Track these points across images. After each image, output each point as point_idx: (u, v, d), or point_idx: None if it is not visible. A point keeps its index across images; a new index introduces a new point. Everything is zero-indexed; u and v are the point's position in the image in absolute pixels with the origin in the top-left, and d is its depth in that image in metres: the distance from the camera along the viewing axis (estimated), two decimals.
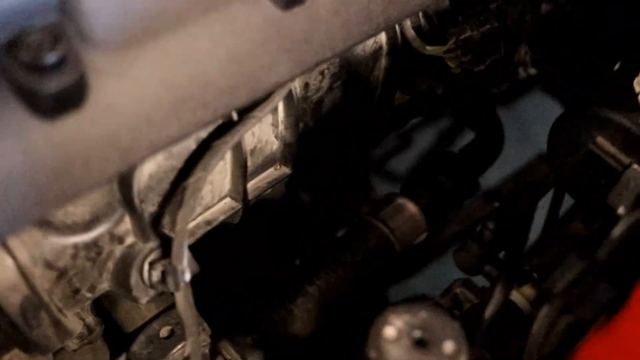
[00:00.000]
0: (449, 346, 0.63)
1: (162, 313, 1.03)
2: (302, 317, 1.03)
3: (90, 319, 1.01)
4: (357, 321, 1.08)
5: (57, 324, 0.74)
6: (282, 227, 1.22)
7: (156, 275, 0.76)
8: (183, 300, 0.75)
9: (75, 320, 0.84)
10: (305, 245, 1.21)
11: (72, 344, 1.00)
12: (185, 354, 0.77)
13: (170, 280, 0.75)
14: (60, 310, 0.76)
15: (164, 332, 1.02)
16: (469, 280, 0.98)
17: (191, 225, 0.85)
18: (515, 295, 0.89)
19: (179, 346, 1.00)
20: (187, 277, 0.74)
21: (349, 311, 1.06)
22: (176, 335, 1.01)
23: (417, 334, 0.63)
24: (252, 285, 1.17)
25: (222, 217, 0.87)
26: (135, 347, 1.01)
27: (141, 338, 1.02)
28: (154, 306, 1.04)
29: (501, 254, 1.09)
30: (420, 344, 0.63)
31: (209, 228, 0.86)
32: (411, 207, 1.13)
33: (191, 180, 0.76)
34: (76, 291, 0.76)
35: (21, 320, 0.70)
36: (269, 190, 0.95)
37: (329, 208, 1.23)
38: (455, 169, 1.23)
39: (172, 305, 1.06)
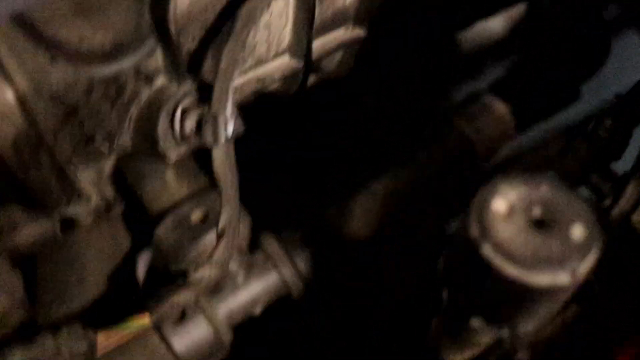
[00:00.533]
0: (578, 231, 0.46)
1: (195, 195, 0.88)
2: (361, 216, 0.87)
3: (109, 192, 0.86)
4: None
5: (61, 174, 0.58)
6: (343, 113, 1.04)
7: (190, 124, 0.60)
8: (222, 158, 0.59)
9: (89, 185, 0.69)
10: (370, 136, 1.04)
11: (85, 217, 0.86)
12: (219, 227, 0.61)
13: (208, 130, 0.58)
14: (69, 161, 0.60)
15: (195, 215, 0.86)
16: None
17: (239, 80, 0.68)
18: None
19: (211, 233, 0.85)
20: (230, 129, 0.58)
21: (416, 219, 0.90)
22: (209, 221, 0.85)
23: (537, 212, 0.47)
24: (305, 174, 1.01)
25: (278, 76, 0.70)
26: (160, 231, 0.86)
27: (168, 221, 0.86)
28: (185, 186, 0.89)
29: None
30: (540, 225, 0.46)
31: (261, 86, 0.69)
32: (500, 107, 0.95)
33: (244, 8, 0.59)
34: (89, 139, 0.61)
35: (13, 157, 0.54)
36: (335, 59, 0.78)
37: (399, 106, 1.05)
38: (554, 71, 1.04)
39: (207, 188, 0.91)
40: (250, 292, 0.87)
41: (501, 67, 1.03)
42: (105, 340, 0.60)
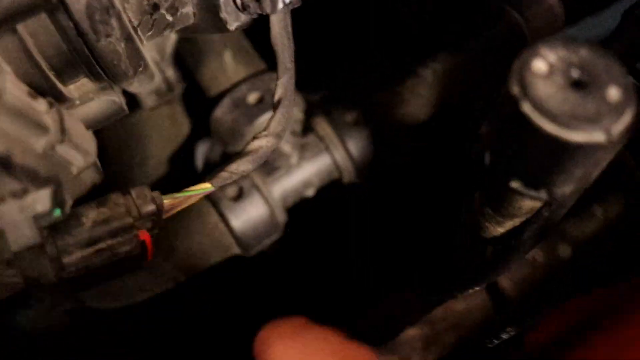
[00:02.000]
0: (613, 93, 0.48)
1: (252, 77, 0.91)
2: (411, 101, 0.90)
3: (170, 73, 0.90)
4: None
5: (129, 40, 0.62)
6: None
7: None
8: (279, 25, 0.62)
9: (152, 63, 0.72)
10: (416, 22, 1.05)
11: (148, 98, 0.90)
12: (276, 97, 0.64)
13: None
14: (135, 29, 0.64)
15: (252, 97, 0.90)
16: None
17: None
18: None
19: (267, 114, 0.88)
20: None
21: (465, 105, 0.92)
22: (265, 103, 0.89)
23: (575, 73, 0.49)
24: (357, 57, 1.04)
25: None
26: (218, 112, 0.90)
27: (225, 102, 0.90)
28: (243, 69, 0.92)
29: None
30: (577, 85, 0.49)
31: None
32: None
33: None
34: (154, 7, 0.64)
35: (87, 22, 0.58)
36: None
37: None
38: None
39: (263, 70, 0.95)
40: (303, 173, 0.91)
41: None
42: (170, 204, 0.64)
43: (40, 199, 0.55)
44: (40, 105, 0.55)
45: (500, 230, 0.67)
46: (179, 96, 0.94)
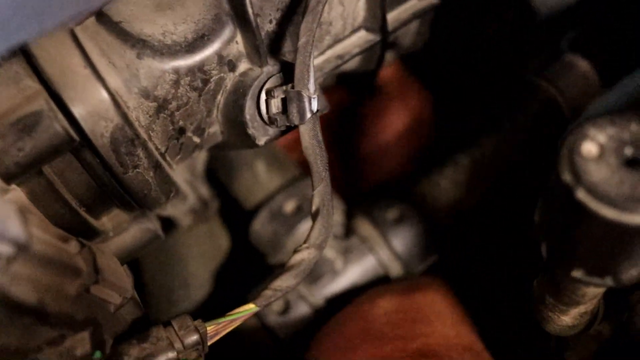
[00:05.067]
0: None
1: (287, 185, 0.90)
2: (451, 190, 0.87)
3: (204, 190, 0.89)
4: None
5: (158, 168, 0.60)
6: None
7: (275, 105, 0.61)
8: (309, 135, 0.60)
9: (185, 184, 0.71)
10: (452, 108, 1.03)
11: (184, 217, 0.88)
12: (313, 207, 0.62)
13: (293, 109, 0.59)
14: (162, 155, 0.63)
15: (289, 207, 0.88)
16: None
17: (319, 59, 0.69)
18: None
19: (307, 222, 0.86)
20: (315, 104, 0.59)
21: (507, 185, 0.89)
22: (303, 211, 0.87)
23: (628, 151, 0.46)
24: None
25: (356, 51, 0.71)
26: (256, 225, 0.89)
27: (263, 214, 0.88)
28: (277, 178, 0.91)
29: None
30: (633, 163, 0.46)
31: (340, 63, 0.70)
32: (583, 64, 0.92)
33: None
34: (180, 131, 0.63)
35: (113, 156, 0.57)
36: (410, 31, 0.78)
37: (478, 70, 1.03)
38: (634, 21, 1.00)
39: (298, 177, 0.93)
40: (349, 276, 0.88)
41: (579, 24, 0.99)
42: (214, 330, 0.61)
43: (79, 343, 0.53)
44: (71, 247, 0.53)
45: (565, 319, 0.63)
46: (215, 212, 0.93)
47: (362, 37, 0.72)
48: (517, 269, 0.81)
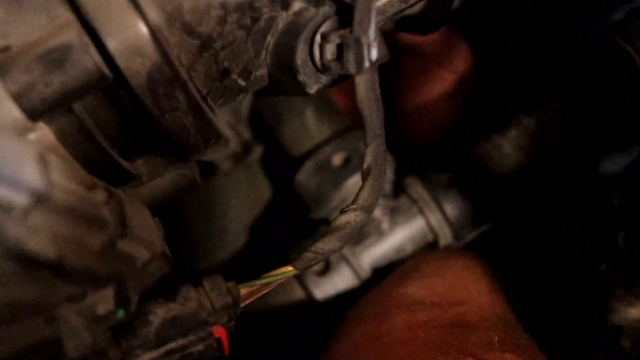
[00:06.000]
0: None
1: (336, 137, 0.84)
2: (513, 154, 0.80)
3: (247, 135, 0.83)
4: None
5: (198, 112, 0.55)
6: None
7: (331, 51, 0.55)
8: (365, 87, 0.53)
9: (227, 127, 0.66)
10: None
11: (224, 162, 0.83)
12: (365, 166, 0.56)
13: (350, 56, 0.52)
14: (204, 98, 0.57)
15: (337, 159, 0.82)
16: None
17: (382, 1, 0.63)
18: None
19: (355, 177, 0.81)
20: (374, 53, 0.52)
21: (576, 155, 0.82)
22: (352, 164, 0.81)
23: None
24: None
25: None
26: (301, 176, 0.83)
27: (309, 165, 0.83)
28: (326, 128, 0.85)
29: None
30: None
31: (404, 7, 0.63)
32: None
33: None
34: (225, 73, 0.57)
35: (149, 96, 0.51)
36: None
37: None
38: None
39: (349, 129, 0.87)
40: (396, 239, 0.83)
41: None
42: (248, 293, 0.57)
43: (101, 300, 0.48)
44: (98, 196, 0.48)
45: (633, 312, 0.58)
46: (257, 158, 0.88)
47: None
48: (576, 251, 0.75)
